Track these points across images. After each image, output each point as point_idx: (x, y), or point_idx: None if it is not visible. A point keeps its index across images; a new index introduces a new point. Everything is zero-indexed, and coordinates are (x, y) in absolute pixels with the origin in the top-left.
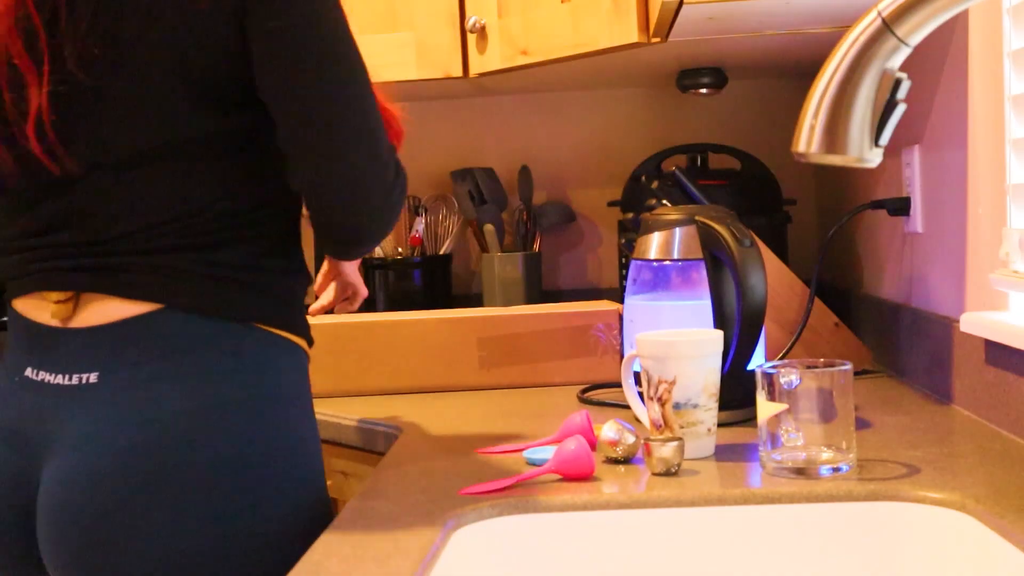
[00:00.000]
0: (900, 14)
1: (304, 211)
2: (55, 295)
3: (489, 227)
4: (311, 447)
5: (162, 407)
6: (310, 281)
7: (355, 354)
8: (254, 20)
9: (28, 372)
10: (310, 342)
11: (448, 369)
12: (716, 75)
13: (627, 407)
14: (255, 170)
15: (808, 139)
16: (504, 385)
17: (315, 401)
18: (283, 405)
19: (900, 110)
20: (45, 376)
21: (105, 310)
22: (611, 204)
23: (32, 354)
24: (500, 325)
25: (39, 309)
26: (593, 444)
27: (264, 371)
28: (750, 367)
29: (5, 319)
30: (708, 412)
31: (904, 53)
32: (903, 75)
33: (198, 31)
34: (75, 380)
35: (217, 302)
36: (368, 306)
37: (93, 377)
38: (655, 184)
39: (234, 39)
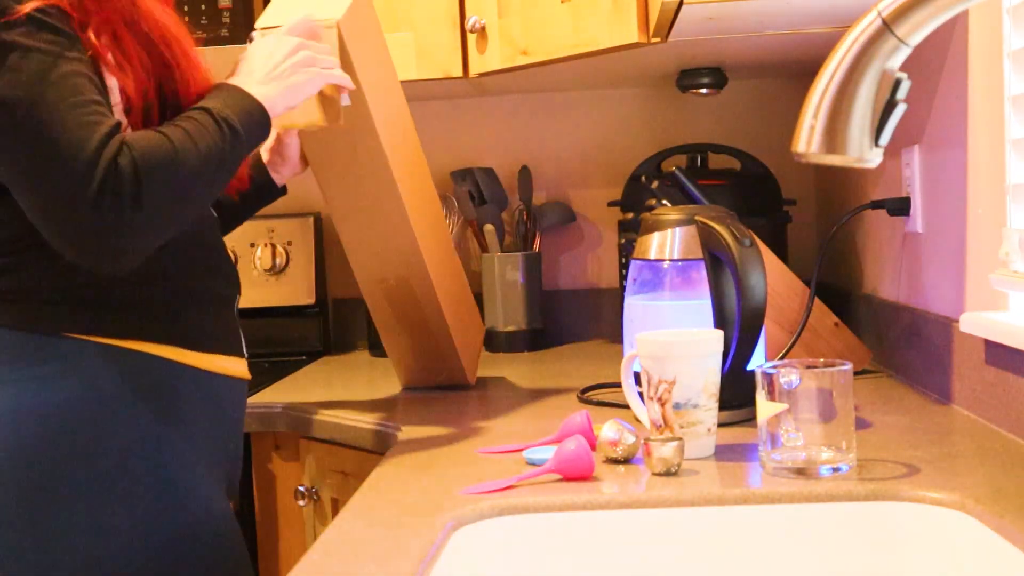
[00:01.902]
0: (900, 14)
1: None
2: None
3: (489, 227)
4: (130, 454)
5: None
6: (149, 279)
7: None
8: None
9: None
10: (161, 338)
11: None
12: (716, 75)
13: (627, 407)
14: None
15: (808, 139)
16: None
17: (317, 401)
18: (89, 407)
19: (900, 110)
20: None
21: None
22: (611, 204)
23: None
24: None
25: None
26: (593, 444)
27: (68, 376)
28: (750, 367)
29: None
30: (708, 412)
31: (904, 53)
32: (903, 75)
33: None
34: None
35: (14, 320)
36: None
37: None
38: (655, 184)
39: None
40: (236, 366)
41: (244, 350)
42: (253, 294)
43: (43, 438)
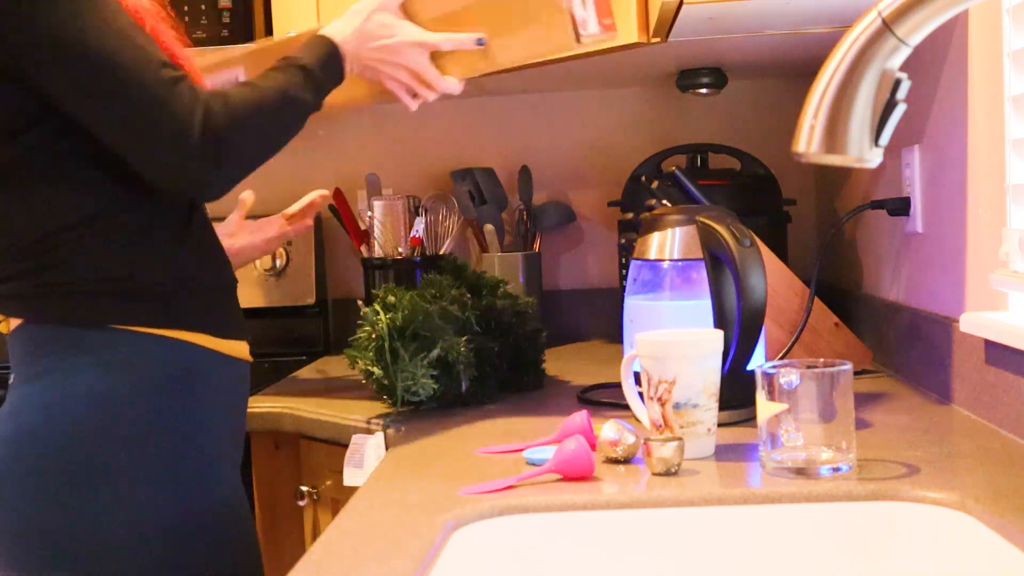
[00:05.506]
0: (900, 14)
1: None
2: None
3: (489, 227)
4: (170, 436)
5: (27, 403)
6: (178, 272)
7: None
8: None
9: None
10: (194, 326)
11: None
12: (716, 75)
13: (627, 407)
14: (61, 193)
15: (808, 139)
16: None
17: (317, 401)
18: (133, 396)
19: (900, 110)
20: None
21: (8, 322)
22: (611, 204)
23: None
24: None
25: None
26: (593, 444)
27: (116, 363)
28: (750, 367)
29: None
30: (708, 412)
31: (904, 53)
32: (903, 75)
33: None
34: (10, 379)
35: (62, 313)
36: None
37: (12, 376)
38: (655, 184)
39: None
40: (245, 350)
41: (247, 333)
42: (253, 294)
43: (94, 422)
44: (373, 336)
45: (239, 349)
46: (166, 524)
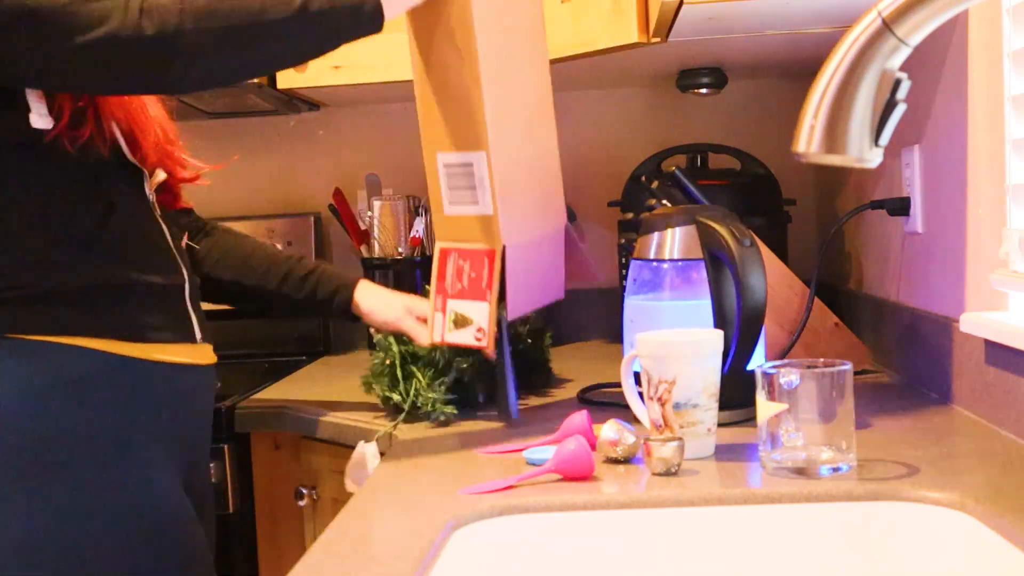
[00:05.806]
0: (900, 14)
1: None
2: None
3: None
4: (66, 444)
5: None
6: (86, 277)
7: None
8: None
9: None
10: (97, 332)
11: None
12: (716, 75)
13: (627, 407)
14: None
15: (808, 139)
16: None
17: (317, 401)
18: (23, 403)
19: (900, 110)
20: None
21: None
22: (611, 204)
23: None
24: None
25: None
26: (593, 444)
27: (3, 374)
28: (750, 367)
29: None
30: (708, 412)
31: (904, 53)
32: (903, 75)
33: None
34: None
35: None
36: None
37: None
38: (655, 184)
39: None
40: (186, 353)
41: (196, 336)
42: None
43: None
44: (387, 363)
45: (170, 354)
46: (69, 532)
